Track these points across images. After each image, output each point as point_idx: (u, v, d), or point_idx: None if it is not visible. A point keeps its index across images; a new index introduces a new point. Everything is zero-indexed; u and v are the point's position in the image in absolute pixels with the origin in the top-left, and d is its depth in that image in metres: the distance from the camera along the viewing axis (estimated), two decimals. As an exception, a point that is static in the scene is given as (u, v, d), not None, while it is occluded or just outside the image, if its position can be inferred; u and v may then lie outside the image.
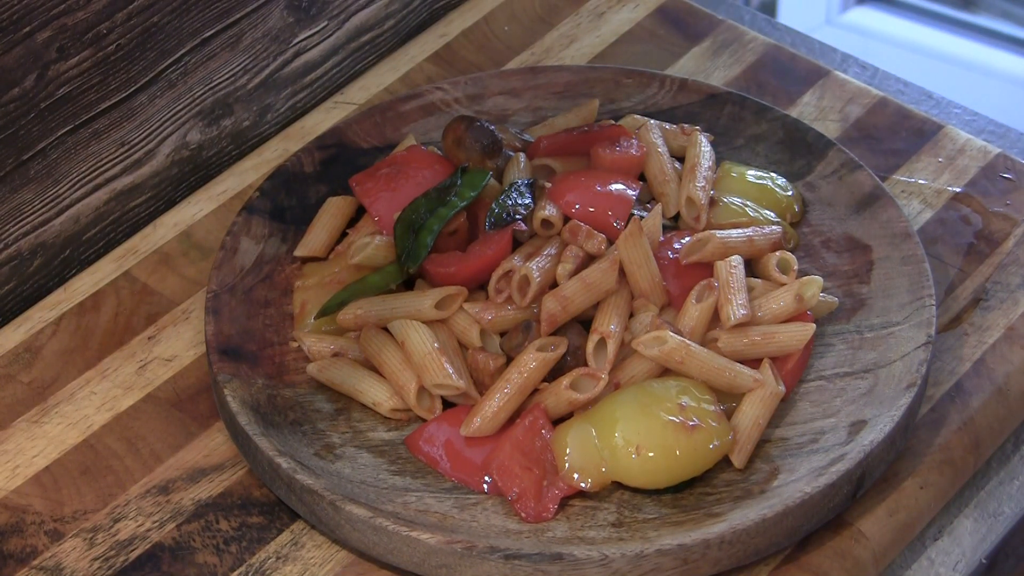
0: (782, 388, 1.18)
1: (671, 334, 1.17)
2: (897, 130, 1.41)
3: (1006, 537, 1.24)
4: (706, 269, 1.22)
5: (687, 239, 1.24)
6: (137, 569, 1.14)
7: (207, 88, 1.40)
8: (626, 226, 1.23)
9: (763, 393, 1.17)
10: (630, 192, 1.26)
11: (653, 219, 1.24)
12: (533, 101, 1.41)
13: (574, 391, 1.16)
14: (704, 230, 1.26)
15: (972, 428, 1.22)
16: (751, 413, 1.17)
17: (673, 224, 1.28)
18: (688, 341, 1.18)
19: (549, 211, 1.24)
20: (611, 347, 1.18)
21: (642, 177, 1.31)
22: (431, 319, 1.21)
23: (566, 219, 1.25)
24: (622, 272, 1.21)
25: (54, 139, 1.30)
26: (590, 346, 1.18)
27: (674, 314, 1.21)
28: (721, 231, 1.24)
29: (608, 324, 1.18)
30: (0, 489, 1.19)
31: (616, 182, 1.26)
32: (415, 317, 1.21)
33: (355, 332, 1.24)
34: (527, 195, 1.26)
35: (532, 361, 1.17)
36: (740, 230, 1.25)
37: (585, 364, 1.19)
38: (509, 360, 1.19)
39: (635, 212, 1.25)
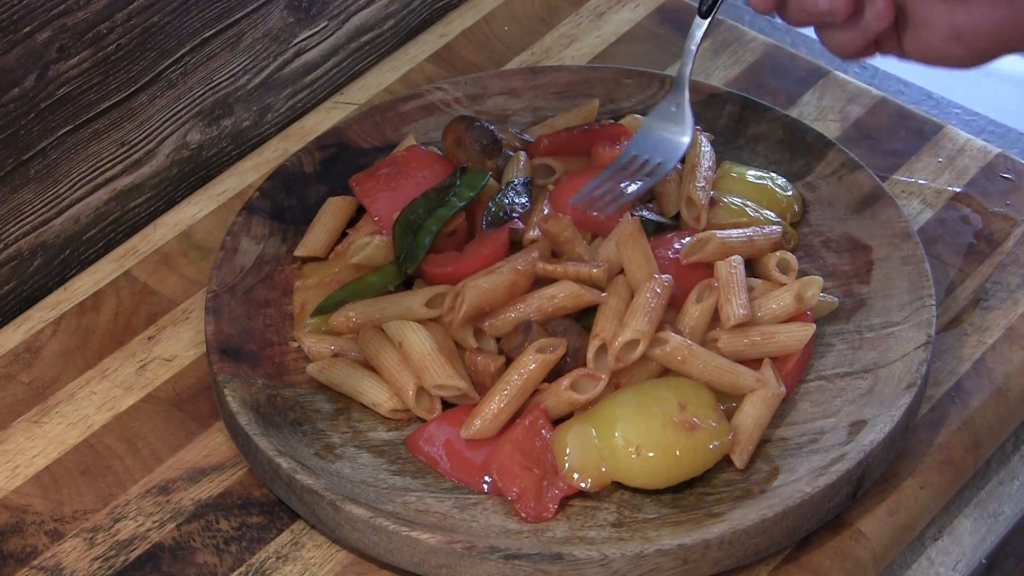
0: (783, 389, 1.18)
1: (672, 334, 1.17)
2: (897, 130, 1.41)
3: (1006, 537, 1.24)
4: (706, 269, 1.22)
5: (687, 239, 1.24)
6: (137, 569, 1.14)
7: (207, 88, 1.40)
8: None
9: (765, 394, 1.17)
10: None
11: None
12: (533, 101, 1.41)
13: (574, 392, 1.16)
14: (704, 230, 1.26)
15: (972, 428, 1.22)
16: (752, 414, 1.17)
17: (674, 224, 1.28)
18: (689, 342, 1.18)
19: (535, 233, 1.24)
20: (612, 353, 1.17)
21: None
22: (423, 318, 1.21)
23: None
24: (622, 273, 1.21)
25: (54, 139, 1.30)
26: (591, 352, 1.18)
27: (674, 314, 1.21)
28: (721, 231, 1.24)
29: (609, 329, 1.18)
30: (0, 489, 1.19)
31: None
32: (407, 317, 1.21)
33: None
34: (524, 194, 1.27)
35: (532, 363, 1.17)
36: (740, 230, 1.25)
37: (585, 365, 1.18)
38: (508, 361, 1.19)
39: (637, 212, 1.26)
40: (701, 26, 1.24)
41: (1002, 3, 1.02)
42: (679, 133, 1.27)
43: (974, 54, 1.07)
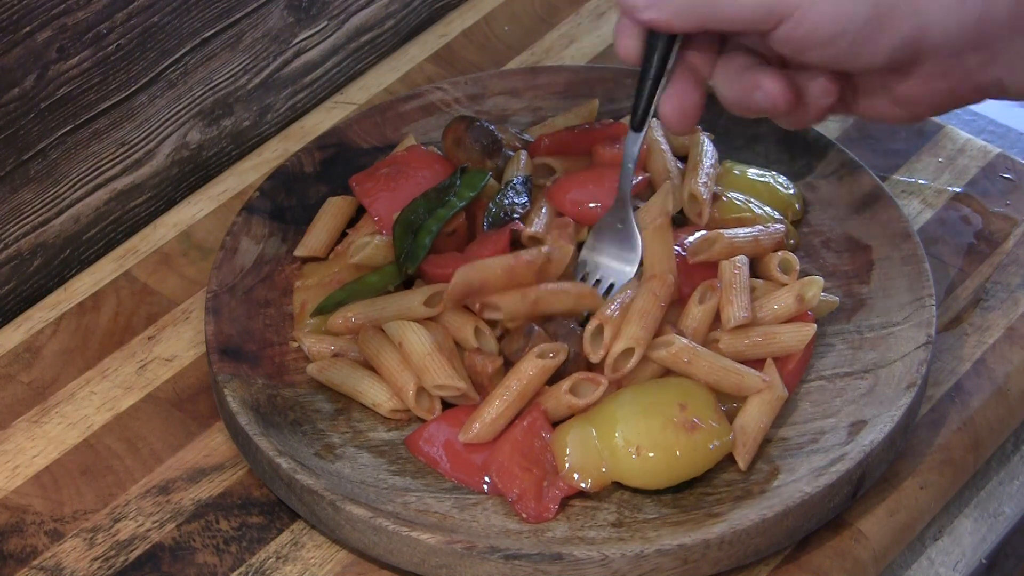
0: (786, 392, 1.18)
1: (678, 337, 1.17)
2: (897, 130, 1.41)
3: (1006, 537, 1.24)
4: (711, 266, 1.22)
5: (695, 235, 1.24)
6: (137, 569, 1.14)
7: (207, 88, 1.40)
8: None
9: (770, 396, 1.17)
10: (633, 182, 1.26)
11: (662, 199, 1.24)
12: (533, 101, 1.41)
13: (574, 396, 1.16)
14: (707, 226, 1.26)
15: (972, 428, 1.22)
16: (757, 415, 1.16)
17: (679, 217, 1.28)
18: (695, 343, 1.17)
19: (536, 227, 1.24)
20: (608, 365, 1.17)
21: (642, 177, 1.31)
22: (421, 316, 1.21)
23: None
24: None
25: (54, 139, 1.30)
26: (588, 332, 1.17)
27: (676, 313, 1.21)
28: (728, 230, 1.23)
29: (612, 321, 1.18)
30: (0, 489, 1.19)
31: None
32: (405, 316, 1.20)
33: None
34: (523, 194, 1.26)
35: (531, 368, 1.16)
36: (746, 229, 1.24)
37: (587, 368, 1.18)
38: (507, 363, 1.19)
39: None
40: (636, 140, 1.18)
41: (939, 77, 1.03)
42: (629, 252, 1.22)
43: (915, 116, 1.09)
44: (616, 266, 1.23)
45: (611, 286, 1.22)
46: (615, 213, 1.23)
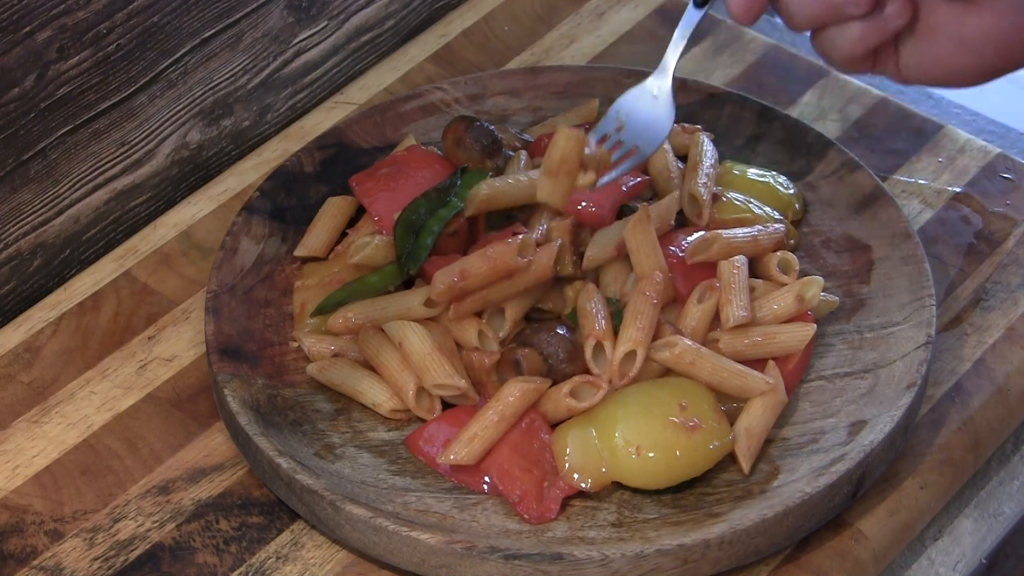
0: (787, 397, 1.18)
1: (681, 338, 1.17)
2: (897, 130, 1.41)
3: (1006, 537, 1.24)
4: (711, 266, 1.22)
5: (694, 236, 1.24)
6: (137, 569, 1.14)
7: (207, 88, 1.40)
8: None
9: (772, 398, 1.17)
10: (631, 182, 1.25)
11: (667, 205, 1.24)
12: (533, 101, 1.41)
13: (574, 399, 1.16)
14: (707, 226, 1.26)
15: (972, 428, 1.22)
16: (759, 418, 1.16)
17: (680, 219, 1.28)
18: (698, 344, 1.17)
19: (540, 231, 1.24)
20: (613, 371, 1.17)
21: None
22: (421, 316, 1.21)
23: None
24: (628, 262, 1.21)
25: (54, 139, 1.30)
26: (588, 352, 1.17)
27: (675, 313, 1.21)
28: (726, 231, 1.23)
29: (598, 324, 1.17)
30: (0, 489, 1.19)
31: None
32: (405, 316, 1.20)
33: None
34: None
35: (515, 392, 1.15)
36: (745, 229, 1.24)
37: (584, 372, 1.18)
38: (503, 358, 1.19)
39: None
40: (695, 16, 1.15)
41: (1014, 9, 1.01)
42: (660, 120, 1.18)
43: (979, 65, 1.04)
44: (642, 130, 1.17)
45: (634, 148, 1.17)
46: (654, 81, 1.19)
